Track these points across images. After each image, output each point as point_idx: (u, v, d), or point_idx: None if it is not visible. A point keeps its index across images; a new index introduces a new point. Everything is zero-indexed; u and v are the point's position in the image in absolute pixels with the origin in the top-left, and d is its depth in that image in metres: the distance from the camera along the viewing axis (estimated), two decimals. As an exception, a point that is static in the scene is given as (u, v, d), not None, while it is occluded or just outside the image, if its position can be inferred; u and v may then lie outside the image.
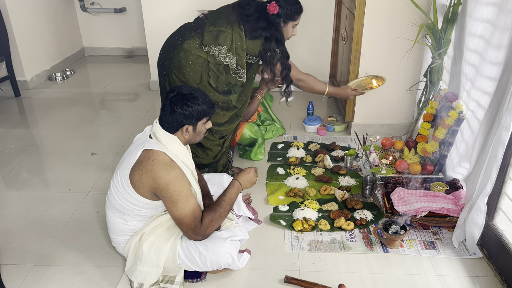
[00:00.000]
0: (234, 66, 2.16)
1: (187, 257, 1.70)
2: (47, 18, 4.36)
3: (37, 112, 3.62)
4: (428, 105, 2.46)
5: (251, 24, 2.14)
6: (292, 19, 2.22)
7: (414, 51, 2.65)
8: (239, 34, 2.13)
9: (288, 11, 2.17)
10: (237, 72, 2.19)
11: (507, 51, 1.68)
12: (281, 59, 2.24)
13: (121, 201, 1.68)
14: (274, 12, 2.13)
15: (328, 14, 3.67)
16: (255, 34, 2.16)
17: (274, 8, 2.12)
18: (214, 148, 2.37)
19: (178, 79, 2.19)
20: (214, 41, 2.11)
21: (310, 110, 3.33)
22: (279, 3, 2.14)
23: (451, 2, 2.22)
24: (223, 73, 2.18)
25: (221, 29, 2.11)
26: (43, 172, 2.69)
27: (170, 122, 1.64)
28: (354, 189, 2.41)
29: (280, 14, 2.16)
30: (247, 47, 2.16)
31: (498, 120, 1.64)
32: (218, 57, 2.13)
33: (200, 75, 2.17)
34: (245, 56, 2.18)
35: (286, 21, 2.21)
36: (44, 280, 1.82)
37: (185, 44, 2.14)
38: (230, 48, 2.13)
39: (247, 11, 2.14)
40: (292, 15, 2.20)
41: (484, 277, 1.81)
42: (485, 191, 1.74)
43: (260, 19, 2.15)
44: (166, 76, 2.24)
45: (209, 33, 2.12)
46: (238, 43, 2.14)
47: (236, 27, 2.12)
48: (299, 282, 1.75)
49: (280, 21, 2.18)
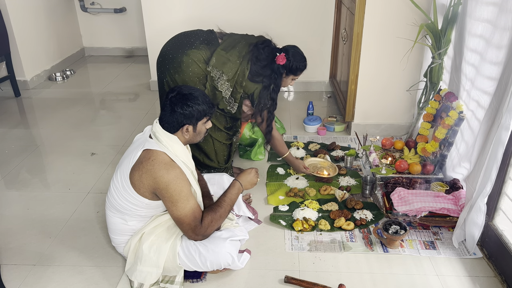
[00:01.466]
0: (227, 96, 2.22)
1: (187, 257, 1.70)
2: (47, 18, 4.36)
3: (37, 112, 3.62)
4: (428, 105, 2.46)
5: (257, 68, 2.21)
6: (294, 74, 2.30)
7: (414, 51, 2.65)
8: (243, 72, 2.19)
9: (293, 66, 2.24)
10: (229, 102, 2.25)
11: (507, 51, 1.68)
12: (269, 108, 2.30)
13: (121, 201, 1.68)
14: (281, 63, 2.20)
15: (328, 14, 3.67)
16: (256, 78, 2.23)
17: (282, 59, 2.20)
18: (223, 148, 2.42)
19: (174, 80, 2.20)
20: (220, 67, 2.16)
21: (310, 110, 3.33)
22: (287, 56, 2.21)
23: (451, 2, 2.22)
24: (216, 96, 2.23)
25: (230, 59, 2.17)
26: (43, 172, 2.69)
27: (170, 122, 1.64)
28: (354, 189, 2.41)
29: (286, 66, 2.23)
30: (245, 86, 2.23)
31: (498, 120, 1.65)
32: (216, 81, 2.18)
33: (194, 83, 2.20)
34: (241, 92, 2.24)
35: (288, 74, 2.28)
36: (44, 280, 1.82)
37: (191, 52, 2.17)
38: (230, 79, 2.18)
39: (260, 55, 2.20)
40: (296, 71, 2.28)
41: (484, 277, 1.81)
42: (485, 191, 1.74)
43: (267, 67, 2.22)
44: (163, 74, 2.25)
45: (219, 56, 2.17)
46: (240, 78, 2.19)
47: (244, 63, 2.18)
48: (299, 282, 1.75)
49: (283, 72, 2.25)
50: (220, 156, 2.42)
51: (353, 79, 2.87)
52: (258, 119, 2.35)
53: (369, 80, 2.86)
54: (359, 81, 2.87)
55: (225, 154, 2.45)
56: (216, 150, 2.39)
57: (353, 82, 2.88)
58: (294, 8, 3.67)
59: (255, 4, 3.65)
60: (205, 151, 2.38)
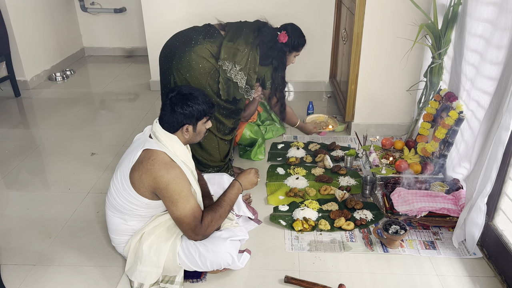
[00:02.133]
0: (243, 85, 2.24)
1: (187, 257, 1.70)
2: (47, 18, 4.36)
3: (37, 112, 3.62)
4: (428, 105, 2.46)
5: (265, 51, 2.25)
6: (296, 50, 2.35)
7: (414, 51, 2.65)
8: (255, 57, 2.23)
9: (295, 42, 2.30)
10: (246, 90, 2.28)
11: (507, 51, 1.68)
12: (281, 87, 2.38)
13: (121, 201, 1.67)
14: (283, 41, 2.26)
15: (328, 14, 3.67)
16: (266, 61, 2.28)
17: (284, 37, 2.25)
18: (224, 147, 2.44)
19: (184, 80, 2.20)
20: (231, 58, 2.18)
21: (310, 110, 3.32)
22: (288, 34, 2.27)
23: (451, 2, 2.22)
24: (230, 87, 2.26)
25: (239, 48, 2.19)
26: (43, 172, 2.69)
27: (170, 122, 1.64)
28: (354, 189, 2.41)
29: (288, 44, 2.28)
30: (258, 71, 2.27)
31: (498, 120, 1.64)
32: (229, 73, 2.20)
33: (206, 79, 2.21)
34: (255, 77, 2.28)
35: (291, 51, 2.34)
36: (44, 280, 1.82)
37: (198, 48, 2.18)
38: (243, 68, 2.21)
39: (265, 38, 2.24)
40: (297, 47, 2.34)
41: (484, 277, 1.81)
42: (485, 191, 1.74)
43: (273, 48, 2.27)
44: (170, 75, 2.25)
45: (227, 48, 2.19)
46: (252, 65, 2.23)
47: (254, 50, 2.22)
48: (299, 282, 1.75)
49: (286, 50, 2.30)
50: (220, 153, 2.43)
51: (353, 79, 2.87)
52: (274, 101, 2.42)
53: (369, 80, 2.86)
54: (359, 81, 2.87)
55: (226, 150, 2.46)
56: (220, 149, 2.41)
57: (353, 82, 2.88)
58: (294, 8, 3.67)
59: (255, 4, 3.65)
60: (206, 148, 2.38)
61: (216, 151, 2.40)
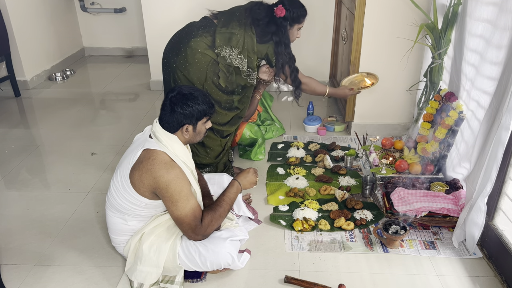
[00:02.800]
0: (245, 69, 2.21)
1: (187, 257, 1.70)
2: (47, 18, 4.36)
3: (37, 112, 3.62)
4: (428, 105, 2.45)
5: (262, 28, 2.19)
6: (298, 22, 2.26)
7: (414, 51, 2.65)
8: (251, 37, 2.17)
9: (294, 14, 2.21)
10: (248, 74, 2.24)
11: (507, 51, 1.68)
12: (289, 62, 2.29)
13: (121, 201, 1.68)
14: (281, 15, 2.18)
15: (328, 14, 3.67)
16: (265, 38, 2.21)
17: (281, 11, 2.17)
18: (216, 148, 2.38)
19: (184, 77, 2.21)
20: (226, 43, 2.15)
21: (310, 110, 3.33)
22: (285, 7, 2.19)
23: (451, 2, 2.22)
24: (233, 74, 2.22)
25: (233, 32, 2.15)
26: (43, 172, 2.69)
27: (170, 122, 1.64)
28: (354, 189, 2.41)
29: (287, 17, 2.20)
30: (258, 50, 2.21)
31: (498, 120, 1.64)
32: (228, 59, 2.17)
33: (205, 73, 2.19)
34: (256, 59, 2.22)
35: (292, 24, 2.25)
36: (44, 280, 1.82)
37: (192, 42, 2.17)
38: (242, 51, 2.17)
39: (258, 15, 2.18)
40: (298, 18, 2.25)
41: (484, 277, 1.81)
42: (485, 191, 1.74)
43: (270, 23, 2.20)
44: (171, 74, 2.25)
45: (221, 34, 2.16)
46: (249, 46, 2.18)
47: (248, 30, 2.17)
48: (299, 282, 1.75)
49: (287, 24, 2.22)
50: (215, 151, 2.40)
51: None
52: (282, 77, 2.33)
53: (369, 80, 2.86)
54: (359, 81, 2.87)
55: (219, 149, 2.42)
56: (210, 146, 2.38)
57: (353, 82, 2.88)
58: (294, 8, 3.67)
59: (255, 4, 3.65)
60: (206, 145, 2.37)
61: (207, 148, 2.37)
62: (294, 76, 2.35)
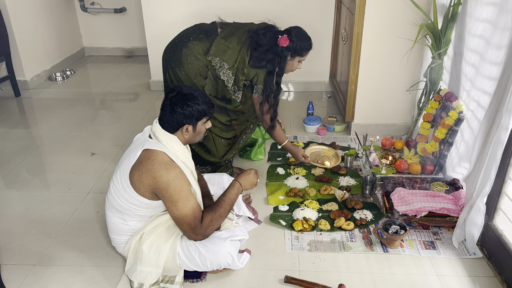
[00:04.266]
0: (230, 85, 2.20)
1: (187, 257, 1.70)
2: (47, 18, 4.36)
3: (37, 112, 3.62)
4: (428, 105, 2.45)
5: (258, 54, 2.18)
6: (300, 54, 2.24)
7: (414, 51, 2.65)
8: (244, 58, 2.17)
9: (297, 46, 2.19)
10: (234, 91, 2.24)
11: (507, 51, 1.68)
12: (275, 93, 2.26)
13: (120, 201, 1.67)
14: (283, 45, 2.16)
15: (328, 14, 3.67)
16: (259, 64, 2.20)
17: (285, 41, 2.15)
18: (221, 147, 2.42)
19: (175, 75, 2.22)
20: (220, 55, 2.15)
21: (310, 110, 3.33)
22: (290, 37, 2.17)
23: (451, 2, 2.22)
24: (219, 85, 2.22)
25: (230, 46, 2.16)
26: (43, 172, 2.69)
27: (170, 122, 1.64)
28: (354, 189, 2.41)
29: (289, 48, 2.18)
30: (247, 73, 2.20)
31: (498, 120, 1.64)
32: (218, 70, 2.17)
33: (194, 75, 2.20)
34: (244, 79, 2.22)
35: (294, 56, 2.23)
36: (44, 280, 1.82)
37: (190, 43, 2.18)
38: (231, 67, 2.17)
39: (260, 40, 2.17)
40: (301, 51, 2.22)
41: (484, 277, 1.81)
42: (484, 191, 1.74)
43: (268, 51, 2.18)
44: (166, 70, 2.27)
45: (218, 45, 2.16)
46: (240, 65, 2.18)
47: (244, 50, 2.16)
48: (299, 282, 1.75)
49: (287, 54, 2.20)
50: (220, 151, 2.42)
51: (353, 79, 2.87)
52: (266, 106, 2.28)
53: (369, 80, 2.86)
54: (359, 81, 2.87)
55: (225, 149, 2.45)
56: (217, 146, 2.39)
57: (353, 82, 2.88)
58: (293, 8, 3.67)
59: (254, 4, 3.65)
60: (205, 146, 2.39)
61: (213, 147, 2.39)
62: (275, 107, 2.31)
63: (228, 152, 2.46)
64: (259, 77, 2.23)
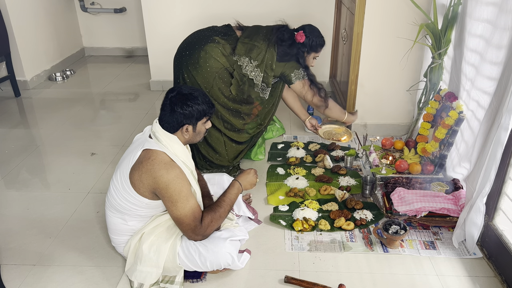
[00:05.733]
0: (259, 83, 2.24)
1: (187, 257, 1.70)
2: (47, 18, 4.36)
3: (37, 112, 3.62)
4: (428, 105, 2.46)
5: (284, 48, 2.25)
6: (315, 50, 2.32)
7: (414, 51, 2.65)
8: (272, 54, 2.22)
9: (313, 42, 2.27)
10: (262, 88, 2.28)
11: (507, 51, 1.68)
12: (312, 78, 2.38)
13: (120, 201, 1.67)
14: (300, 41, 2.24)
15: (328, 14, 3.67)
16: (285, 58, 2.26)
17: (301, 37, 2.23)
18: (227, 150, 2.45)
19: (192, 78, 2.22)
20: (246, 53, 2.19)
21: (310, 110, 3.32)
22: (305, 33, 2.24)
23: (451, 2, 2.22)
24: (245, 84, 2.25)
25: (256, 44, 2.20)
26: (43, 172, 2.69)
27: (170, 122, 1.64)
28: (354, 189, 2.41)
29: (306, 44, 2.26)
30: (275, 68, 2.25)
31: (498, 120, 1.64)
32: (244, 69, 2.20)
33: (213, 79, 2.22)
34: (272, 75, 2.26)
35: (310, 52, 2.31)
36: (44, 280, 1.82)
37: (208, 46, 2.19)
38: (260, 64, 2.21)
39: (283, 36, 2.24)
40: (316, 47, 2.31)
41: (484, 277, 1.81)
42: (484, 191, 1.74)
43: (292, 46, 2.26)
44: (180, 72, 2.28)
45: (243, 44, 2.20)
46: (269, 61, 2.22)
47: (271, 46, 2.22)
48: (299, 282, 1.75)
49: (305, 50, 2.28)
50: (230, 154, 2.44)
51: (353, 79, 2.87)
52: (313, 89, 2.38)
53: (369, 80, 2.86)
54: (359, 81, 2.87)
55: (236, 153, 2.48)
56: (227, 149, 2.41)
57: (353, 82, 2.88)
58: (294, 8, 3.67)
59: (254, 5, 3.65)
60: (216, 149, 2.40)
61: (223, 150, 2.40)
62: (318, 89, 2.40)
63: (238, 156, 2.49)
64: (290, 67, 2.28)
